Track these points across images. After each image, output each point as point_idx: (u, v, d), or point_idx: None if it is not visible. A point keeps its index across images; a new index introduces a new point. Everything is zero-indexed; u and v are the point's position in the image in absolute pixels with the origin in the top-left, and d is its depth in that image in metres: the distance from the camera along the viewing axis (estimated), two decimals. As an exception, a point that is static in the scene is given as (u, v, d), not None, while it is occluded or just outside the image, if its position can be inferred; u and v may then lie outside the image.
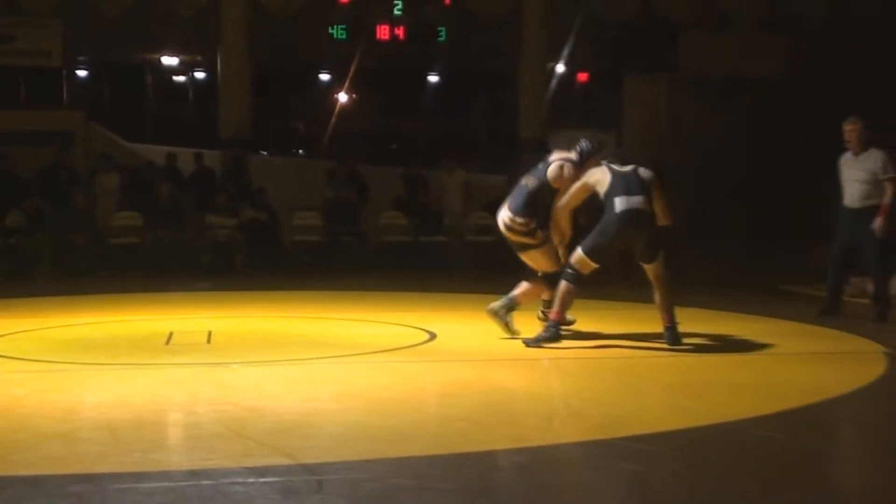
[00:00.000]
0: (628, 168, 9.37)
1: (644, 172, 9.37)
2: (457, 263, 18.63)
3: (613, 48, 23.16)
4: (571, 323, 9.83)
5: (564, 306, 9.19)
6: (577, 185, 9.40)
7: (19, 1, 20.80)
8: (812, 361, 8.94)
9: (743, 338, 10.18)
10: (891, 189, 11.33)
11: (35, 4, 20.85)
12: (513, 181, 19.73)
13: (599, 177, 9.34)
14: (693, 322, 11.26)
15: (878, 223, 11.23)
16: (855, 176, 11.66)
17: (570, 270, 9.14)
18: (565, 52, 22.73)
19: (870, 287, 12.92)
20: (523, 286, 9.72)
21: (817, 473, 5.29)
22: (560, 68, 23.52)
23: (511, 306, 9.67)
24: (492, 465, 5.32)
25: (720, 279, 15.92)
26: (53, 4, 20.93)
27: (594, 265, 9.14)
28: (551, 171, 9.65)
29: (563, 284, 9.14)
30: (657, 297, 9.34)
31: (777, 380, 7.97)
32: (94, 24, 21.44)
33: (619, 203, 9.06)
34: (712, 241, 20.31)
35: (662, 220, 9.43)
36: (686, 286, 14.79)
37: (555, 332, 9.08)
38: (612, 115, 25.58)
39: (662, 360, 8.84)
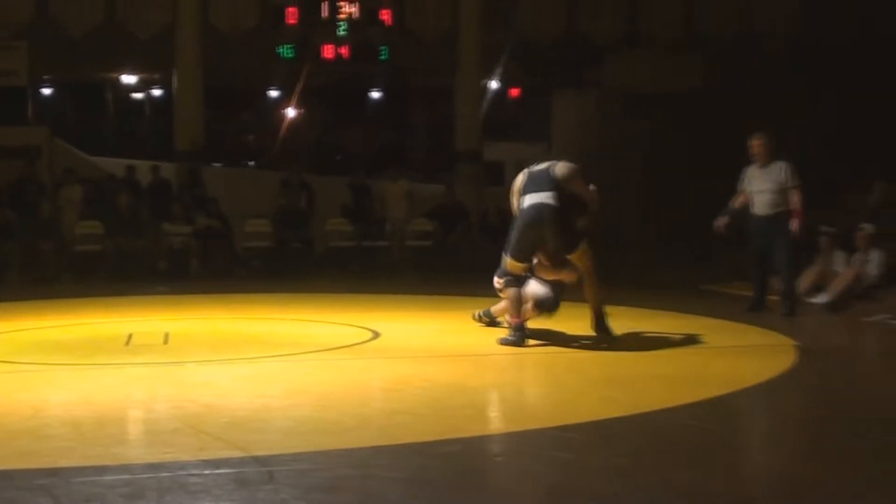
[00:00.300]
0: (543, 165, 9.37)
1: (559, 168, 9.33)
2: (398, 266, 18.63)
3: (543, 66, 23.29)
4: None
5: (517, 309, 9.14)
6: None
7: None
8: (729, 355, 9.02)
9: (666, 333, 10.24)
10: (797, 196, 11.58)
11: (2, 27, 20.75)
12: (451, 191, 19.99)
13: (519, 180, 9.38)
14: (620, 319, 11.33)
15: (795, 225, 11.47)
16: (763, 187, 11.87)
17: (508, 277, 9.15)
18: (498, 69, 22.82)
19: (779, 285, 13.09)
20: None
21: (729, 456, 5.34)
22: (494, 84, 23.61)
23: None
24: (431, 454, 5.32)
25: (643, 280, 16.01)
26: (20, 26, 20.83)
27: (521, 265, 9.13)
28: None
29: (508, 291, 9.14)
30: (585, 290, 9.39)
31: (696, 372, 8.03)
32: (58, 44, 21.32)
33: (525, 201, 9.11)
34: (634, 244, 20.46)
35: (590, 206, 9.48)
36: (612, 287, 14.95)
37: (521, 336, 9.02)
38: (543, 128, 25.72)
39: (591, 355, 8.88)
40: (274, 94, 26.78)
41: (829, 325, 11.90)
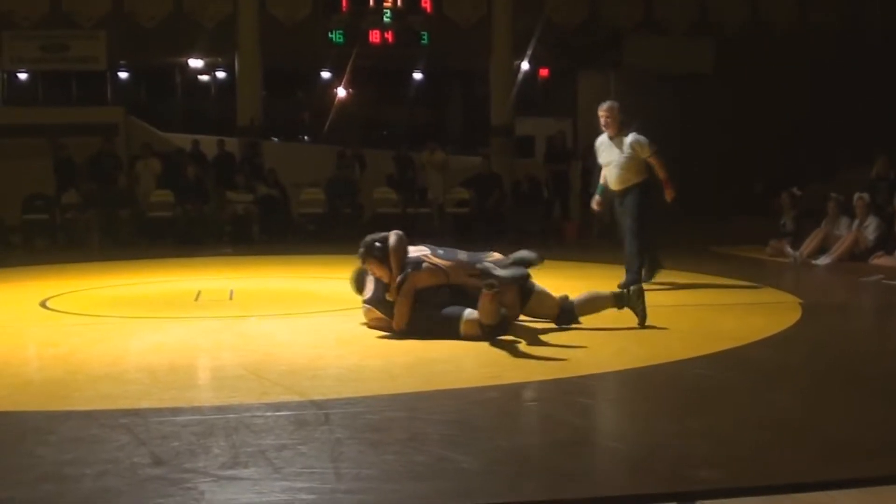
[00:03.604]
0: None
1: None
2: (438, 231, 18.64)
3: (569, 48, 23.17)
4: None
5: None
6: None
7: (72, 16, 20.95)
8: (738, 311, 8.98)
9: (679, 291, 10.22)
10: (657, 164, 10.33)
11: (84, 19, 21.07)
12: (486, 162, 19.97)
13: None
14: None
15: (669, 195, 10.30)
16: (610, 159, 10.41)
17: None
18: (528, 51, 22.72)
19: (787, 248, 12.99)
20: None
21: (740, 403, 5.32)
22: (524, 65, 23.49)
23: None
24: (470, 399, 5.33)
25: (660, 244, 15.92)
26: (99, 18, 21.05)
27: None
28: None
29: None
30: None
31: (708, 327, 8.00)
32: (132, 33, 21.50)
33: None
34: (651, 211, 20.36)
35: None
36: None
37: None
38: (569, 105, 25.59)
39: (610, 312, 8.84)
40: (326, 75, 26.70)
41: (831, 285, 11.83)
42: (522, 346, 7.12)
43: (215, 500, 3.73)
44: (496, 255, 7.59)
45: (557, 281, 11.08)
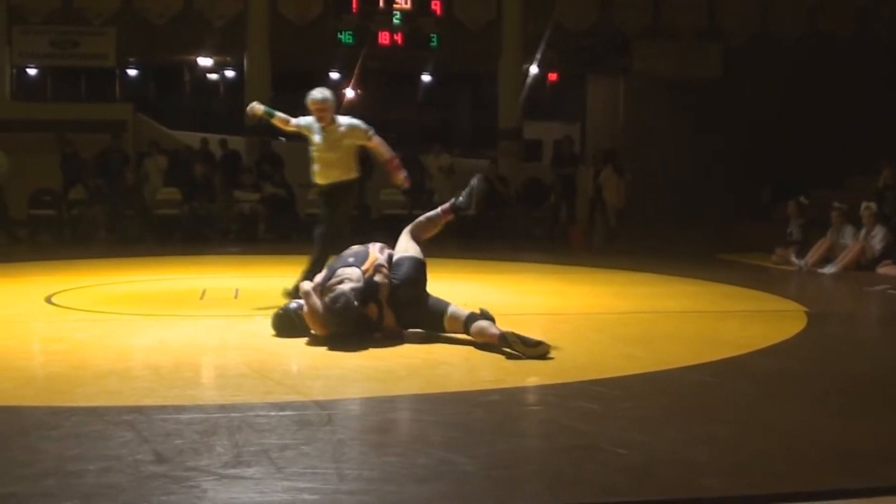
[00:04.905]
0: None
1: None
2: (444, 233, 18.60)
3: (578, 53, 23.19)
4: None
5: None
6: None
7: (83, 13, 21.02)
8: (744, 318, 8.97)
9: (684, 297, 10.21)
10: (378, 144, 9.14)
11: (94, 16, 21.16)
12: (494, 165, 19.99)
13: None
14: (644, 284, 11.32)
15: (400, 179, 9.31)
16: (324, 150, 9.12)
17: None
18: (537, 55, 22.72)
19: (792, 257, 12.96)
20: None
21: (744, 410, 5.31)
22: (533, 69, 23.49)
23: None
24: (473, 401, 5.33)
25: (666, 250, 15.95)
26: (109, 15, 21.12)
27: None
28: None
29: None
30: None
31: (713, 333, 7.99)
32: (142, 30, 21.55)
33: None
34: (658, 217, 20.39)
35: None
36: (639, 255, 14.91)
37: None
38: (577, 110, 25.60)
39: (615, 317, 8.86)
40: (334, 76, 26.74)
41: (837, 294, 11.82)
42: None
43: (217, 498, 3.74)
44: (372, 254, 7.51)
45: (564, 286, 11.13)
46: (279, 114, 9.50)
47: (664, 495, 3.87)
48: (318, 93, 9.16)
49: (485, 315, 7.07)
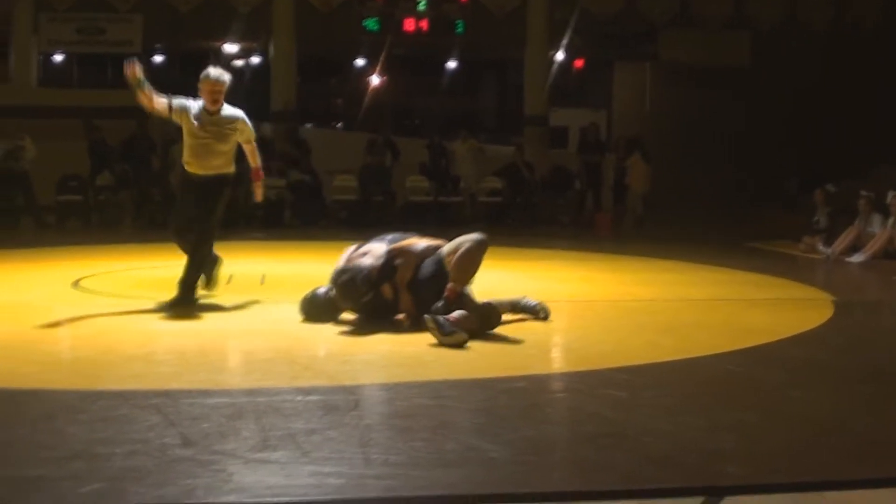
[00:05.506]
0: None
1: None
2: (470, 220, 18.63)
3: (604, 39, 23.09)
4: None
5: None
6: None
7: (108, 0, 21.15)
8: (769, 306, 8.93)
9: (712, 285, 10.18)
10: (254, 147, 8.69)
11: (121, 2, 21.30)
12: (520, 151, 19.98)
13: None
14: (671, 272, 11.29)
15: (260, 193, 9.14)
16: (206, 137, 8.36)
17: None
18: (564, 41, 22.64)
19: (820, 245, 12.89)
20: None
21: (770, 399, 5.30)
22: (559, 56, 23.41)
23: None
24: (498, 388, 5.33)
25: (692, 238, 15.89)
26: (135, 1, 21.24)
27: None
28: None
29: None
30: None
31: (739, 321, 7.96)
32: (168, 17, 21.63)
33: None
34: (684, 205, 20.30)
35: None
36: (665, 243, 14.87)
37: None
38: (604, 96, 25.51)
39: (641, 304, 8.84)
40: (360, 62, 26.75)
41: (864, 282, 11.75)
42: (551, 337, 7.12)
43: (244, 482, 3.76)
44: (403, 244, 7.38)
45: (589, 273, 11.10)
46: (149, 87, 8.31)
47: (690, 483, 3.86)
48: (217, 72, 8.36)
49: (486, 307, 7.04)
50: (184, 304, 8.00)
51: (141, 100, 8.31)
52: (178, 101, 8.45)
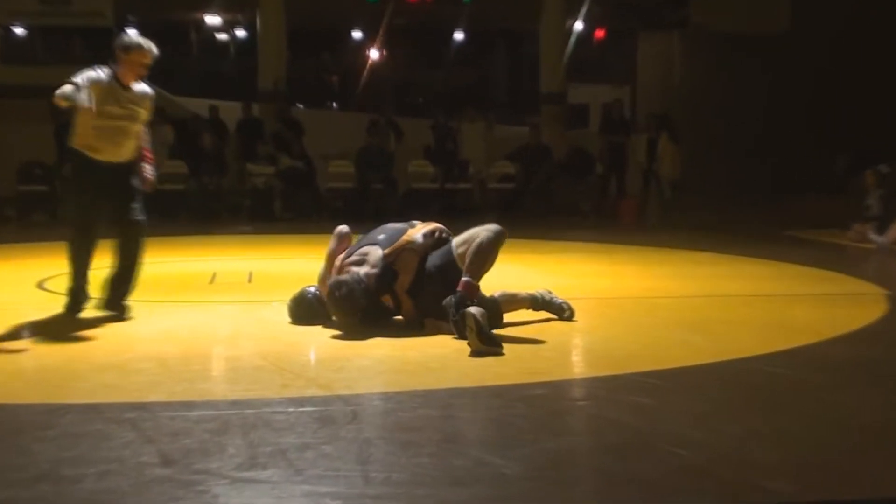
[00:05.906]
0: None
1: None
2: (480, 209, 18.63)
3: (629, 6, 23.05)
4: None
5: None
6: None
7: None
8: (816, 302, 8.92)
9: (750, 279, 10.17)
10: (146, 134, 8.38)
11: (88, -32, 21.17)
12: (535, 132, 19.96)
13: None
14: (703, 264, 11.29)
15: (147, 180, 8.46)
16: (121, 118, 8.05)
17: None
18: (583, 9, 22.62)
19: (871, 233, 12.87)
20: None
21: (817, 406, 5.29)
22: (578, 25, 23.39)
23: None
24: (512, 396, 5.33)
25: (727, 226, 15.88)
26: (106, -33, 21.18)
27: None
28: None
29: None
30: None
31: (783, 319, 7.96)
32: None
33: None
34: (717, 189, 20.28)
35: None
36: (697, 232, 14.86)
37: None
38: (628, 70, 25.48)
39: (673, 301, 8.84)
40: (357, 35, 26.78)
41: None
42: (571, 338, 7.12)
43: (230, 504, 3.77)
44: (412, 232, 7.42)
45: (614, 266, 11.11)
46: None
47: (725, 499, 3.87)
48: (148, 42, 8.06)
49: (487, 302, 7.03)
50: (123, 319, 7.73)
51: (59, 103, 7.69)
52: (85, 74, 7.86)
